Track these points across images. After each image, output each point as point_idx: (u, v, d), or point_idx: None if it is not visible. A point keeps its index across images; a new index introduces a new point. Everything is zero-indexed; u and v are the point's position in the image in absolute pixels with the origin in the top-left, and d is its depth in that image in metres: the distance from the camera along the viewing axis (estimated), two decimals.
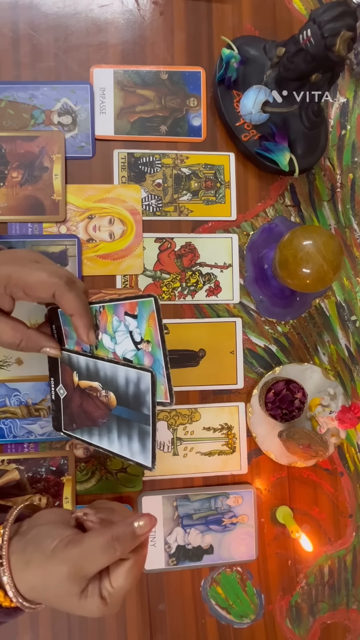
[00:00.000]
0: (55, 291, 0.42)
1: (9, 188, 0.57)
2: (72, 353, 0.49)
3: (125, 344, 0.45)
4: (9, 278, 0.41)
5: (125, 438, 0.46)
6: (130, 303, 0.44)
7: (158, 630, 0.59)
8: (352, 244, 0.66)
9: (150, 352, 0.44)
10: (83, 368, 0.48)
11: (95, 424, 0.48)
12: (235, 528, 0.60)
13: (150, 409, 0.43)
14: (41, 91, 0.58)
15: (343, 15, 0.48)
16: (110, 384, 0.46)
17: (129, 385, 0.44)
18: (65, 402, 0.51)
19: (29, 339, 0.45)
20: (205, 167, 0.61)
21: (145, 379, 0.43)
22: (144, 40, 0.60)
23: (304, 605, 0.63)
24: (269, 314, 0.63)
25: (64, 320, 0.49)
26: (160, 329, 0.43)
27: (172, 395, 0.43)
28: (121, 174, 0.60)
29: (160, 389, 0.43)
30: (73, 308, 0.43)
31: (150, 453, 0.44)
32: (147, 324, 0.43)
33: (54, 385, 0.52)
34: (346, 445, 0.65)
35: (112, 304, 0.46)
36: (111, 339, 0.46)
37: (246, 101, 0.58)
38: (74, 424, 0.51)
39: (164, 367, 0.43)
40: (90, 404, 0.48)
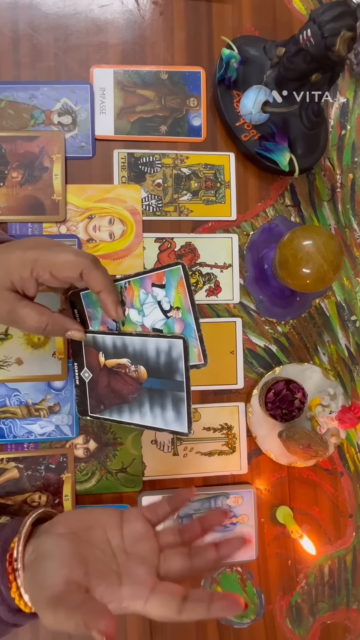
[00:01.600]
0: (83, 269, 0.43)
1: (9, 188, 0.57)
2: (97, 334, 0.49)
3: (153, 314, 0.46)
4: (35, 261, 0.42)
5: (159, 409, 0.46)
6: (158, 274, 0.46)
7: (158, 630, 0.59)
8: (352, 244, 0.66)
9: (180, 318, 0.45)
10: (110, 347, 0.49)
11: (125, 401, 0.48)
12: (235, 528, 0.60)
13: (184, 375, 0.44)
14: (41, 91, 0.58)
15: (343, 15, 0.48)
16: (139, 358, 0.47)
17: (160, 356, 0.45)
18: (90, 385, 0.51)
19: (55, 323, 0.45)
20: (205, 167, 0.61)
21: (177, 347, 0.44)
22: (144, 40, 0.60)
23: (304, 605, 0.63)
24: (269, 314, 0.63)
25: (87, 303, 0.49)
26: (190, 294, 0.44)
27: (206, 356, 0.45)
28: (121, 174, 0.60)
29: (193, 352, 0.44)
30: (100, 284, 0.44)
31: (185, 419, 0.44)
32: (175, 291, 0.45)
33: (78, 370, 0.52)
34: (346, 445, 0.65)
35: (138, 277, 0.47)
36: (139, 312, 0.47)
37: (246, 101, 0.58)
38: (102, 405, 0.51)
39: (196, 330, 0.44)
40: (118, 381, 0.49)
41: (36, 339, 0.57)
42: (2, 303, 0.43)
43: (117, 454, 0.58)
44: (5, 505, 0.55)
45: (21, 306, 0.44)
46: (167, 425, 0.46)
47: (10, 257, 0.43)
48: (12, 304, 0.43)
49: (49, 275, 0.43)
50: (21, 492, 0.56)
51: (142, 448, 0.59)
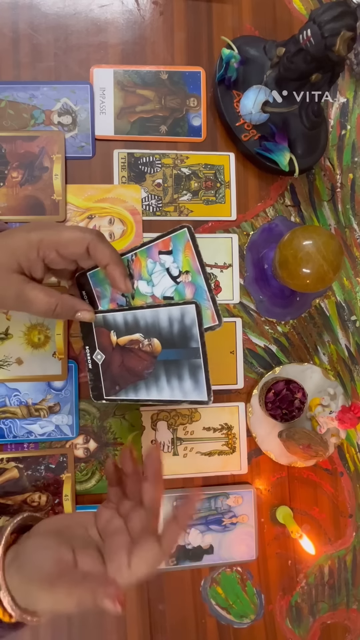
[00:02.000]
0: (89, 243, 0.43)
1: (9, 188, 0.57)
2: (106, 313, 0.49)
3: (163, 282, 0.46)
4: (40, 241, 0.42)
5: (176, 380, 0.45)
6: (164, 241, 0.45)
7: (158, 630, 0.59)
8: (352, 244, 0.66)
9: (190, 282, 0.44)
10: (121, 324, 0.48)
11: (141, 377, 0.48)
12: (235, 528, 0.60)
13: (200, 341, 0.43)
14: (41, 91, 0.58)
15: (343, 15, 0.48)
16: (152, 331, 0.46)
17: (173, 325, 0.44)
18: (104, 366, 0.51)
19: (64, 303, 0.45)
20: (205, 167, 0.61)
21: (189, 313, 0.43)
22: (144, 40, 0.60)
23: (304, 605, 0.63)
24: (269, 314, 0.63)
25: (95, 282, 0.49)
26: (198, 255, 0.44)
27: (220, 317, 0.44)
28: (121, 174, 0.60)
29: (207, 314, 0.44)
30: (107, 257, 0.44)
31: (204, 386, 0.43)
32: (183, 255, 0.45)
33: (90, 353, 0.51)
34: (346, 445, 0.65)
35: (144, 248, 0.46)
36: (147, 283, 0.47)
37: (246, 101, 0.58)
38: (116, 386, 0.50)
39: (207, 291, 0.44)
40: (132, 358, 0.48)
41: (36, 338, 0.57)
42: (10, 286, 0.43)
43: (117, 454, 0.58)
44: (5, 505, 0.55)
45: (29, 288, 0.43)
46: (185, 396, 0.45)
47: (15, 240, 0.43)
48: (20, 286, 0.43)
49: (55, 254, 0.43)
50: (21, 492, 0.56)
51: (142, 448, 0.59)
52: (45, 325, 0.57)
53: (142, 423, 0.59)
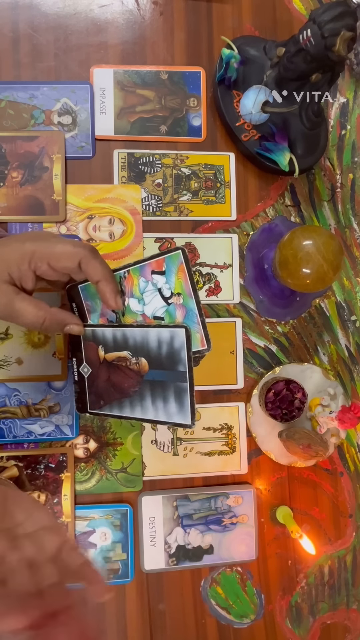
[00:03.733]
0: (81, 259, 0.43)
1: (9, 188, 0.57)
2: (96, 327, 0.49)
3: (154, 302, 0.46)
4: (33, 253, 0.42)
5: (161, 401, 0.45)
6: (157, 261, 0.45)
7: (158, 630, 0.59)
8: (352, 244, 0.66)
9: (182, 304, 0.44)
10: (109, 340, 0.48)
11: (126, 395, 0.48)
12: (235, 528, 0.60)
13: (187, 365, 0.43)
14: (41, 91, 0.58)
15: (343, 15, 0.48)
16: (140, 350, 0.46)
17: (162, 346, 0.44)
18: (90, 380, 0.51)
19: (53, 317, 0.45)
20: (205, 167, 0.61)
21: (179, 336, 0.43)
22: (144, 40, 0.60)
23: (304, 605, 0.63)
24: (269, 314, 0.63)
25: (86, 295, 0.49)
26: (191, 279, 0.44)
27: (209, 341, 0.44)
28: (121, 174, 0.60)
29: (196, 337, 0.44)
30: (99, 273, 0.44)
31: (189, 410, 0.43)
32: (176, 277, 0.44)
33: (77, 366, 0.51)
34: (346, 445, 0.65)
35: (137, 266, 0.46)
36: (139, 301, 0.47)
37: (246, 101, 0.58)
38: (101, 401, 0.50)
39: (198, 315, 0.44)
40: (119, 375, 0.48)
41: (36, 338, 0.57)
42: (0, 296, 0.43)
43: (117, 454, 0.58)
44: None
45: (19, 300, 0.43)
46: (169, 418, 0.45)
47: (7, 250, 0.42)
48: (10, 297, 0.43)
49: (47, 266, 0.43)
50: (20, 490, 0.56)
51: (142, 448, 0.59)
52: None
53: (142, 423, 0.59)
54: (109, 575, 0.57)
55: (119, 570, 0.57)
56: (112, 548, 0.57)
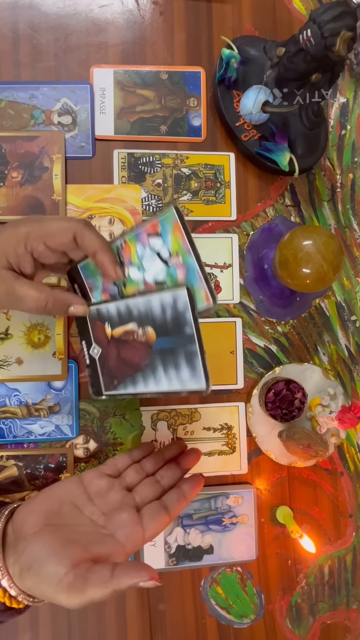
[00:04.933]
0: (75, 231, 0.42)
1: (9, 188, 0.57)
2: (100, 305, 0.48)
3: (154, 267, 0.45)
4: (27, 234, 0.42)
5: (172, 369, 0.44)
6: (152, 224, 0.44)
7: (158, 630, 0.59)
8: (352, 244, 0.66)
9: (181, 263, 0.43)
10: (114, 315, 0.47)
11: (138, 369, 0.46)
12: (235, 528, 0.60)
13: (193, 326, 0.42)
14: (41, 91, 0.58)
15: (343, 15, 0.48)
16: (146, 319, 0.45)
17: (166, 311, 0.43)
18: (101, 360, 0.49)
19: (56, 299, 0.44)
20: (205, 167, 0.61)
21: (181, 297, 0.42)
22: (144, 40, 0.60)
23: (304, 605, 0.63)
24: (269, 314, 0.63)
25: (86, 274, 0.48)
26: (188, 235, 0.43)
27: (214, 296, 0.43)
28: (121, 174, 0.60)
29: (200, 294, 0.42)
30: (96, 244, 0.43)
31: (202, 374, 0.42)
32: (172, 236, 0.44)
33: (87, 348, 0.50)
34: (346, 445, 0.65)
35: (133, 234, 0.46)
36: (139, 269, 0.46)
37: (246, 101, 0.58)
38: (115, 381, 0.49)
39: (199, 270, 0.42)
40: (128, 350, 0.47)
41: (36, 338, 0.57)
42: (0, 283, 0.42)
43: (117, 454, 0.58)
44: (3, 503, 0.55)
45: (19, 285, 0.43)
46: (184, 386, 0.44)
47: (2, 236, 0.42)
48: (10, 282, 0.42)
49: (43, 246, 0.42)
50: (19, 490, 0.56)
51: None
52: (45, 325, 0.57)
53: (142, 423, 0.59)
54: None
55: None
56: None
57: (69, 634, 0.57)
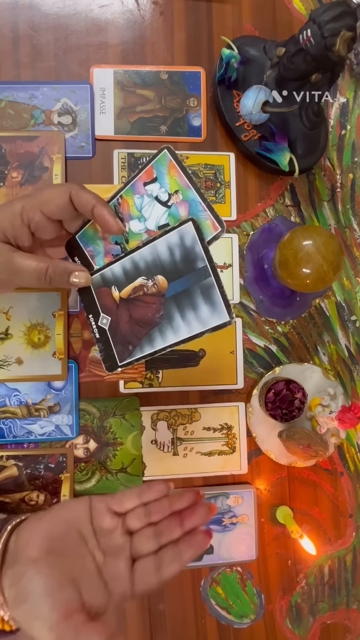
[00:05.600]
0: (70, 191, 0.42)
1: (9, 188, 0.57)
2: (103, 270, 0.47)
3: (155, 212, 0.44)
4: (22, 207, 0.42)
5: (191, 311, 0.42)
6: (146, 171, 0.43)
7: (158, 630, 0.59)
8: (352, 244, 0.66)
9: (182, 199, 0.42)
10: (120, 276, 0.45)
11: (153, 325, 0.44)
12: (235, 528, 0.60)
13: (205, 258, 0.40)
14: (41, 91, 0.58)
15: (343, 15, 0.48)
16: (154, 268, 0.43)
17: (174, 252, 0.42)
18: (112, 330, 0.47)
19: (56, 266, 0.43)
20: (205, 167, 0.61)
21: (188, 232, 0.41)
22: (144, 40, 0.60)
23: (304, 605, 0.63)
24: (269, 314, 0.63)
25: (85, 242, 0.47)
26: (184, 171, 0.42)
27: (222, 222, 0.41)
28: (121, 174, 0.60)
29: (207, 224, 0.41)
30: (92, 199, 0.42)
31: (222, 306, 0.40)
32: (169, 176, 0.43)
33: (94, 321, 0.48)
34: (346, 445, 0.65)
35: (128, 186, 0.45)
36: (139, 220, 0.45)
37: (246, 101, 0.58)
38: (129, 346, 0.46)
39: (201, 201, 0.41)
40: (140, 308, 0.45)
41: (36, 338, 0.57)
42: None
43: (117, 454, 0.58)
44: (3, 503, 0.55)
45: (17, 256, 0.42)
46: (205, 325, 0.42)
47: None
48: (7, 255, 0.42)
49: (40, 214, 0.42)
50: (19, 490, 0.56)
51: (142, 448, 0.59)
52: (45, 325, 0.57)
53: (142, 423, 0.59)
54: None
55: None
56: None
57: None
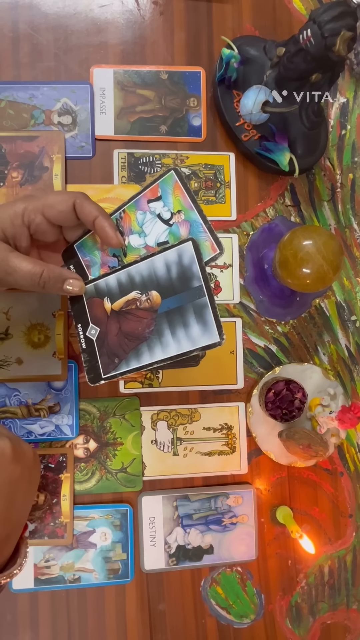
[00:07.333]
0: (75, 200, 0.43)
1: (9, 188, 0.57)
2: (98, 280, 0.46)
3: (155, 229, 0.44)
4: (25, 208, 0.42)
5: (182, 329, 0.42)
6: (151, 189, 0.44)
7: (158, 630, 0.59)
8: (352, 244, 0.66)
9: (184, 219, 0.43)
10: (114, 288, 0.45)
11: (142, 339, 0.44)
12: (235, 528, 0.60)
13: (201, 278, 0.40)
14: (41, 91, 0.58)
15: (343, 15, 0.48)
16: (149, 283, 0.43)
17: (171, 269, 0.42)
18: (99, 341, 0.47)
19: (51, 271, 0.43)
20: (205, 167, 0.61)
21: (187, 251, 0.41)
22: (144, 40, 0.60)
23: (304, 605, 0.63)
24: (269, 314, 0.63)
25: (83, 252, 0.47)
26: (189, 192, 0.42)
27: (221, 245, 0.41)
28: (121, 174, 0.60)
29: (205, 246, 0.41)
30: (95, 210, 0.43)
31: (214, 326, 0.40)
32: (173, 196, 0.43)
33: (83, 331, 0.48)
34: (346, 445, 0.65)
35: (132, 202, 0.45)
36: (139, 235, 0.45)
37: (246, 101, 0.58)
38: (115, 359, 0.46)
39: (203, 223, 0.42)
40: (130, 321, 0.45)
41: (36, 338, 0.57)
42: None
43: (117, 454, 0.58)
44: None
45: (13, 256, 0.42)
46: (195, 344, 0.41)
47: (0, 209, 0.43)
48: (4, 253, 0.42)
49: (41, 217, 0.42)
50: None
51: (142, 448, 0.59)
52: (45, 325, 0.57)
53: (142, 423, 0.59)
54: (108, 575, 0.57)
55: (119, 570, 0.57)
56: (112, 548, 0.57)
57: (69, 634, 0.57)
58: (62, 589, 0.57)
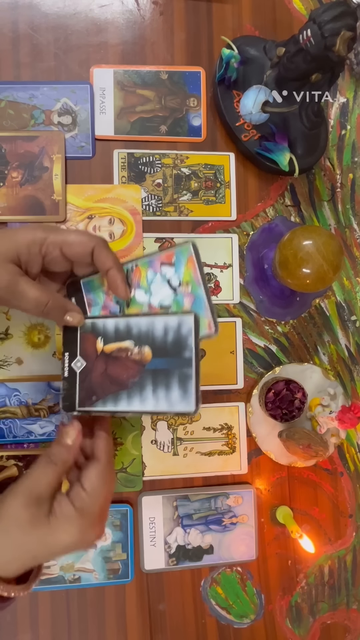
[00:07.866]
0: (94, 246, 0.44)
1: (9, 188, 0.57)
2: (96, 319, 0.48)
3: (161, 292, 0.46)
4: (45, 238, 0.43)
5: (163, 390, 0.44)
6: (167, 254, 0.45)
7: (158, 630, 0.59)
8: (352, 244, 0.66)
9: (190, 292, 0.44)
10: (111, 331, 0.47)
11: (124, 387, 0.46)
12: (235, 528, 0.60)
13: (193, 351, 0.42)
14: (41, 91, 0.58)
15: (343, 15, 0.48)
16: (145, 339, 0.45)
17: (168, 334, 0.44)
18: (82, 375, 0.48)
19: (56, 301, 0.45)
20: (205, 167, 0.61)
21: (187, 323, 0.43)
22: (144, 40, 0.60)
23: (304, 605, 0.63)
24: (269, 314, 0.63)
25: (88, 290, 0.49)
26: (200, 269, 0.44)
27: (217, 325, 0.43)
28: (121, 174, 0.60)
29: (203, 322, 0.43)
30: (111, 261, 0.45)
31: (193, 397, 0.42)
32: (185, 267, 0.45)
33: (69, 361, 0.49)
34: (346, 445, 0.65)
35: (145, 259, 0.47)
36: (145, 292, 0.46)
37: (246, 101, 0.58)
38: (93, 397, 0.47)
39: (206, 301, 0.44)
40: (117, 366, 0.46)
41: (36, 338, 0.57)
42: (3, 275, 0.42)
43: (117, 454, 0.58)
44: None
45: (24, 281, 0.43)
46: (171, 407, 0.43)
47: (20, 232, 0.43)
48: (14, 277, 0.43)
49: (58, 252, 0.43)
50: None
51: (142, 448, 0.59)
52: (45, 325, 0.57)
53: (142, 423, 0.59)
54: (108, 575, 0.57)
55: (119, 570, 0.57)
56: (112, 548, 0.57)
57: (68, 634, 0.57)
58: (62, 589, 0.57)
